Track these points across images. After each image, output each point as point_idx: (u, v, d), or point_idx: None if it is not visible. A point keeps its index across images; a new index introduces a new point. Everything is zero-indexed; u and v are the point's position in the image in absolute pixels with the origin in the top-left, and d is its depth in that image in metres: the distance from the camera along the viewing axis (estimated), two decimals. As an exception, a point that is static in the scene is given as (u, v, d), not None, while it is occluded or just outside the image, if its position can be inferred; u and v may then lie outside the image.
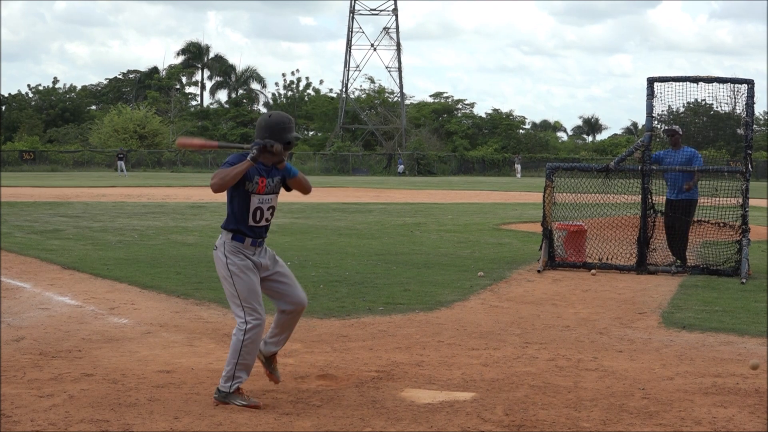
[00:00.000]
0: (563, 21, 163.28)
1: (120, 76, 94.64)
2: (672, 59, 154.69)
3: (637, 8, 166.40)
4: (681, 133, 12.21)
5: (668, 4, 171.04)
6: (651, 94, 11.77)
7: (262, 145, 5.35)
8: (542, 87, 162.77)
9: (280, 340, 5.76)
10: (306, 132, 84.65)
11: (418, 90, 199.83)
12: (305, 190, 5.68)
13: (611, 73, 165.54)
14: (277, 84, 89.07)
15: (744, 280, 10.94)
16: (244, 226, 5.44)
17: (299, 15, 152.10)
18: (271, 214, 5.56)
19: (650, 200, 11.86)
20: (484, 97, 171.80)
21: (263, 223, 5.51)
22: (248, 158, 5.31)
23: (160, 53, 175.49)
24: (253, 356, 5.43)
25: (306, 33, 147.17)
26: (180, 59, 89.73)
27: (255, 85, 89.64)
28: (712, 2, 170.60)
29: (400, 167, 68.64)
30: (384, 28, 77.78)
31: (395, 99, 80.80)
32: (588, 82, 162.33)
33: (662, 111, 12.44)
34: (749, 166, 11.50)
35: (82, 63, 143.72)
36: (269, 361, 5.80)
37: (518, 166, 68.71)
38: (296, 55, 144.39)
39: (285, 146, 5.45)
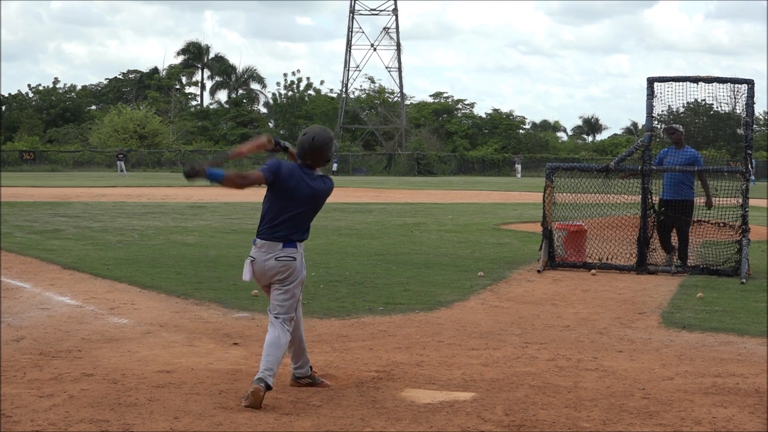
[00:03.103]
0: (560, 21, 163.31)
1: (120, 76, 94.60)
2: (669, 59, 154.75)
3: (634, 8, 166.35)
4: (682, 131, 12.18)
5: (665, 4, 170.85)
6: (651, 94, 11.78)
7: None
8: (541, 87, 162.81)
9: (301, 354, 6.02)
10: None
11: (417, 90, 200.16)
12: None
13: (609, 73, 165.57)
14: (278, 84, 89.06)
15: (744, 280, 10.94)
16: None
17: (296, 15, 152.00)
18: None
19: (650, 200, 11.87)
20: (483, 97, 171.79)
21: None
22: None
23: (158, 53, 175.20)
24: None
25: (303, 33, 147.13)
26: (180, 59, 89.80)
27: (255, 85, 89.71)
28: (709, 2, 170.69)
29: (335, 166, 67.05)
30: (384, 28, 77.78)
31: (395, 99, 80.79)
32: (586, 82, 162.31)
33: (662, 111, 12.45)
34: (749, 166, 11.50)
35: (80, 63, 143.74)
36: (314, 377, 5.99)
37: (518, 166, 68.50)
38: (293, 55, 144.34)
39: (325, 163, 5.79)
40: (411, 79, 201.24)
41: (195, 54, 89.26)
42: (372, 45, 77.50)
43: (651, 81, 11.81)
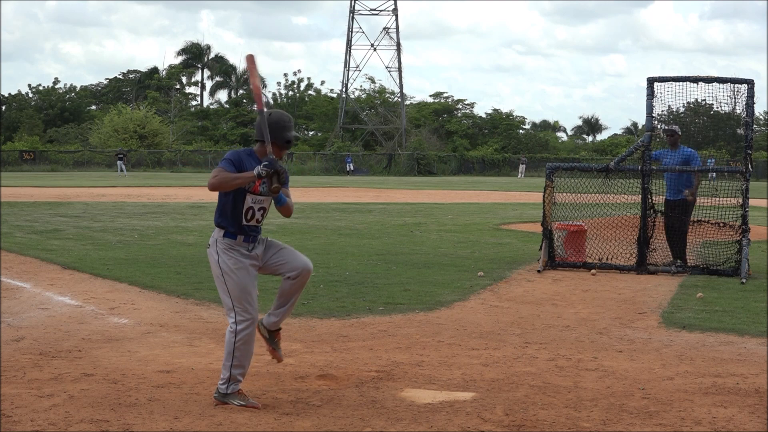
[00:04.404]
0: (555, 21, 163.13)
1: (120, 76, 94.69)
2: (665, 59, 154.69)
3: (629, 8, 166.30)
4: (680, 133, 12.22)
5: (660, 4, 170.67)
6: (651, 94, 11.78)
7: (272, 171, 5.22)
8: (538, 87, 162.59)
9: (282, 312, 5.63)
10: (306, 132, 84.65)
11: (413, 89, 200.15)
12: (287, 214, 5.62)
13: (605, 72, 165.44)
14: (279, 84, 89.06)
15: (744, 280, 10.94)
16: (236, 224, 5.42)
17: (291, 15, 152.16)
18: (262, 216, 5.52)
19: (650, 200, 11.87)
20: (480, 97, 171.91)
21: (254, 223, 5.47)
22: (254, 173, 5.23)
23: (154, 53, 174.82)
24: (247, 357, 5.42)
25: (299, 33, 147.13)
26: (180, 59, 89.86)
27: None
28: (703, 2, 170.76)
29: (349, 165, 67.61)
30: (384, 28, 77.80)
31: (395, 99, 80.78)
32: (583, 82, 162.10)
33: (662, 111, 12.45)
34: (749, 166, 11.50)
35: (76, 62, 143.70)
36: (272, 336, 5.70)
37: (523, 167, 67.95)
38: (289, 55, 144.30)
39: (284, 145, 5.44)
40: (406, 79, 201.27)
41: (195, 54, 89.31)
42: (372, 45, 77.52)
43: (651, 81, 11.82)
